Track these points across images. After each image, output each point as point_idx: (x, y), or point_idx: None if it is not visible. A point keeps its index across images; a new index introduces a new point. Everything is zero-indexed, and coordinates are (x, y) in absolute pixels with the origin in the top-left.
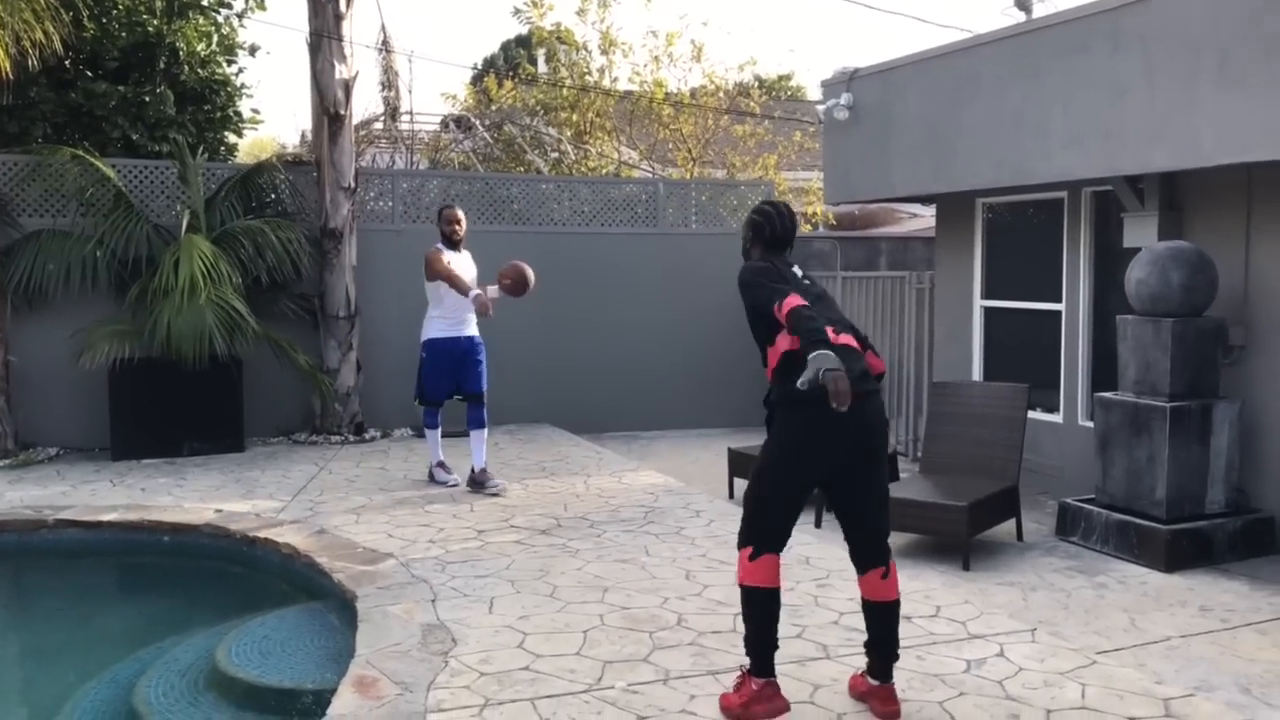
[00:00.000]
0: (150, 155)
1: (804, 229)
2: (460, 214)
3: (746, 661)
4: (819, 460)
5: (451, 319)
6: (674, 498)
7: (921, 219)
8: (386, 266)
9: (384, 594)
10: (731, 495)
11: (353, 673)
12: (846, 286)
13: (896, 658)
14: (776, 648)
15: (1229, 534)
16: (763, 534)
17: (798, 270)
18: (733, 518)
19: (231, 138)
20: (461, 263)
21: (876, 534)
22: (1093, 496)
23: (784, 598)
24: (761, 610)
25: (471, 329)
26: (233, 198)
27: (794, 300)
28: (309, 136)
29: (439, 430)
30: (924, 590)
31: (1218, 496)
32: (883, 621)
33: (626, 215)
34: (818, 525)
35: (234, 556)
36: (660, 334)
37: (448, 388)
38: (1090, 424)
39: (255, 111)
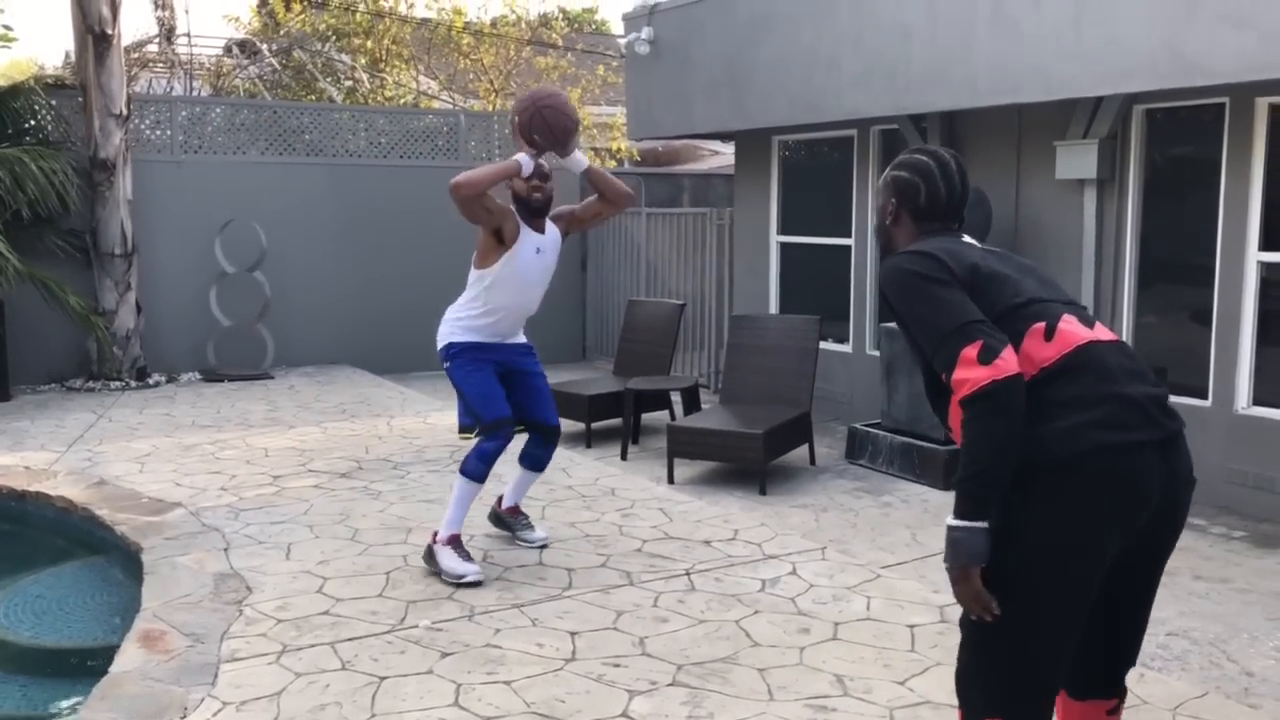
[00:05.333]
0: None
1: (609, 165)
2: (548, 168)
3: None
4: (1106, 547)
5: (497, 320)
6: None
7: (723, 156)
8: (166, 200)
9: (172, 544)
10: None
11: (138, 627)
12: (650, 223)
13: None
14: None
15: None
16: (1032, 691)
17: (972, 241)
18: None
19: None
20: (535, 252)
21: (1134, 640)
22: (879, 421)
23: (589, 529)
24: None
25: (521, 334)
26: None
27: (985, 372)
28: (73, 58)
29: (482, 485)
30: (723, 515)
31: None
32: None
33: (427, 147)
34: (624, 458)
35: (1, 513)
36: (467, 270)
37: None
38: (877, 353)
39: (7, 28)
